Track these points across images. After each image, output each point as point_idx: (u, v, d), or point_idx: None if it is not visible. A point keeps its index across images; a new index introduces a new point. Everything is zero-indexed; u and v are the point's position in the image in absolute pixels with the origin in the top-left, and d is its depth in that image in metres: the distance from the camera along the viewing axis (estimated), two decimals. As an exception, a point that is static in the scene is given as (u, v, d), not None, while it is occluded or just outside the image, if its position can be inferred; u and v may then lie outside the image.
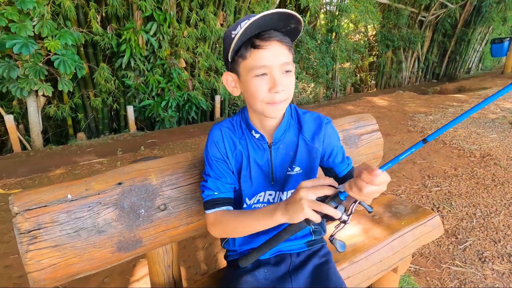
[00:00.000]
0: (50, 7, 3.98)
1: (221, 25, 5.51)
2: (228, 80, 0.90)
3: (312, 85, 7.94)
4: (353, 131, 1.48)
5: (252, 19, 0.74)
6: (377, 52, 9.80)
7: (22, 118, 4.53)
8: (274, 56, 0.80)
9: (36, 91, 4.09)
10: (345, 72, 8.51)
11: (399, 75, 10.13)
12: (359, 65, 10.02)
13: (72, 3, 4.13)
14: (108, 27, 4.60)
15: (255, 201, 0.98)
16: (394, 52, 9.67)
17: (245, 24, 0.76)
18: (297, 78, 7.10)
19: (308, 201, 0.71)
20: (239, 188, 0.96)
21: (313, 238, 1.06)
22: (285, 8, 6.14)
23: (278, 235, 0.83)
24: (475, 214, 2.30)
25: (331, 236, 0.78)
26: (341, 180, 0.97)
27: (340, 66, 8.35)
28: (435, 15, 9.70)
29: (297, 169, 0.96)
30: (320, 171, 1.02)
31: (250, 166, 0.94)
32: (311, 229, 1.07)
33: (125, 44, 4.56)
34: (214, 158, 0.92)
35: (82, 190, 0.83)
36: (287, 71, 0.83)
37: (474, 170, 2.98)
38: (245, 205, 0.97)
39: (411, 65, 10.37)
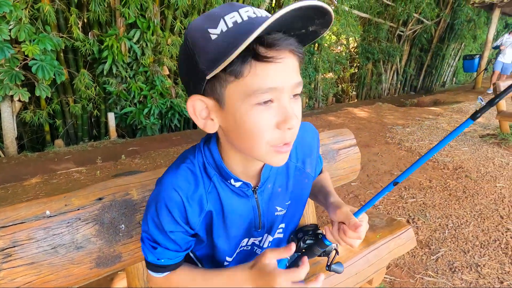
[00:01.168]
0: (28, 11, 3.90)
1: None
2: (197, 109, 0.59)
3: (295, 95, 8.07)
4: (331, 145, 1.53)
5: (272, 19, 0.45)
6: (358, 64, 10.11)
7: (-5, 124, 4.38)
8: (288, 74, 0.54)
9: (12, 96, 3.98)
10: (327, 83, 8.71)
11: (379, 86, 10.45)
12: (340, 76, 10.28)
13: (52, 7, 4.07)
14: (89, 33, 4.54)
15: (239, 252, 0.82)
16: (374, 65, 9.99)
17: (233, 23, 0.50)
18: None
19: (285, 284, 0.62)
20: (213, 247, 0.76)
21: None
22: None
23: None
24: (447, 225, 2.40)
25: (328, 266, 0.78)
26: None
27: (322, 76, 8.54)
28: (412, 30, 10.12)
29: (287, 203, 0.80)
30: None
31: (227, 221, 0.72)
32: None
33: (107, 51, 4.51)
34: (166, 230, 0.67)
35: (62, 205, 0.83)
36: (295, 95, 0.58)
37: (447, 182, 3.11)
38: (226, 263, 0.82)
39: (391, 77, 10.73)
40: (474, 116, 0.50)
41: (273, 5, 7.62)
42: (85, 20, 4.58)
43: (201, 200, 0.67)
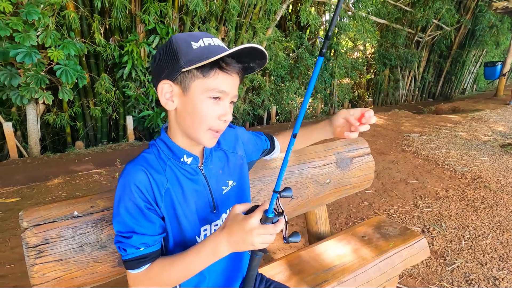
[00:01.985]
0: (55, 18, 4.08)
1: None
2: (164, 90, 0.77)
3: (311, 100, 8.08)
4: (345, 154, 1.54)
5: (236, 48, 0.71)
6: (375, 70, 10.02)
7: (20, 125, 4.57)
8: (233, 86, 0.79)
9: (37, 99, 4.15)
10: (343, 89, 8.67)
11: (396, 93, 10.32)
12: (357, 81, 10.22)
13: (77, 14, 4.24)
14: (111, 39, 4.70)
15: (202, 238, 0.87)
16: (391, 71, 9.88)
17: (209, 44, 0.74)
18: (295, 93, 7.23)
19: (260, 237, 0.69)
20: (181, 231, 0.82)
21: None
22: (286, 24, 6.23)
23: (248, 276, 0.81)
24: (463, 236, 2.36)
25: (285, 239, 0.76)
26: (271, 149, 1.12)
27: (338, 82, 8.51)
28: (431, 36, 9.97)
29: (230, 183, 0.92)
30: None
31: (187, 201, 0.82)
32: None
33: (127, 56, 4.65)
34: (139, 207, 0.75)
35: (88, 207, 0.88)
36: (231, 102, 0.81)
37: (465, 192, 3.05)
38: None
39: (408, 84, 10.58)
40: (321, 52, 0.61)
41: (289, 10, 7.68)
42: (107, 26, 4.75)
43: (161, 180, 0.79)
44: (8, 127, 4.16)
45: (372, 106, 10.01)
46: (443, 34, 9.88)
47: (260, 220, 0.70)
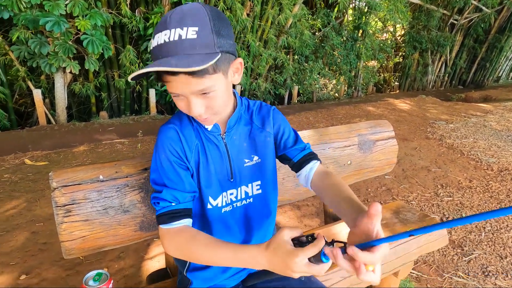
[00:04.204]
0: (83, -13, 4.09)
1: (248, 15, 5.53)
2: None
3: (334, 81, 7.88)
4: (368, 136, 1.51)
5: (136, 73, 0.67)
6: (404, 53, 9.59)
7: (48, 93, 4.72)
8: (184, 87, 0.71)
9: (64, 68, 4.25)
10: (369, 71, 8.39)
11: (424, 78, 9.90)
12: (383, 64, 9.85)
13: (104, -16, 4.24)
14: (136, 10, 4.69)
15: (222, 203, 0.89)
16: (421, 55, 9.44)
17: (156, 43, 0.68)
18: (319, 73, 7.06)
19: (302, 271, 0.62)
20: (200, 190, 0.86)
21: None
22: (314, 1, 5.94)
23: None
24: (484, 228, 2.30)
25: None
26: (297, 165, 0.95)
27: (364, 64, 8.23)
28: (468, 19, 9.37)
29: (256, 158, 0.92)
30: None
31: (208, 162, 0.86)
32: None
33: (152, 28, 4.65)
34: (170, 161, 0.80)
35: (113, 172, 0.91)
36: (205, 93, 0.73)
37: (490, 184, 2.95)
38: (209, 206, 0.88)
39: (438, 69, 10.10)
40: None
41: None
42: (133, -3, 4.73)
43: (191, 137, 0.84)
44: (37, 94, 4.30)
45: (398, 91, 9.68)
46: (481, 16, 9.26)
47: (310, 258, 0.62)
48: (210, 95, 0.74)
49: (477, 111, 5.79)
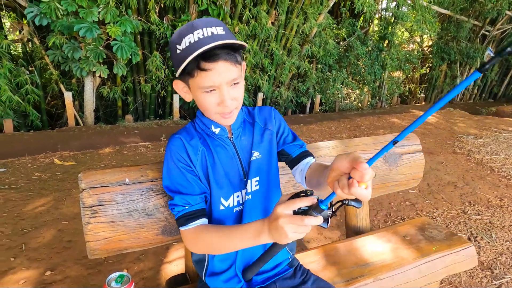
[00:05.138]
0: (116, -4, 4.27)
1: (272, 23, 5.57)
2: (179, 87, 0.89)
3: (357, 91, 7.77)
4: (394, 149, 1.47)
5: (196, 53, 0.73)
6: (431, 64, 9.35)
7: (78, 96, 4.92)
8: (221, 76, 0.79)
9: (94, 72, 4.42)
10: (394, 82, 8.22)
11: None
12: (409, 75, 9.62)
13: (136, -8, 4.40)
14: (164, 18, 4.84)
15: (234, 203, 0.93)
16: (449, 66, 9.16)
17: (189, 42, 0.76)
18: (342, 83, 6.99)
19: (289, 226, 0.66)
20: (210, 193, 0.91)
21: (290, 255, 1.06)
22: (339, 11, 5.96)
23: (274, 245, 0.82)
24: (516, 250, 2.17)
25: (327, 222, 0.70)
26: (295, 160, 0.99)
27: (389, 75, 8.08)
28: (501, 30, 9.03)
29: (256, 154, 0.96)
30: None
31: (216, 164, 0.91)
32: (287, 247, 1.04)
33: (179, 36, 4.76)
34: (178, 168, 0.86)
35: (138, 176, 0.93)
36: (235, 83, 0.83)
37: (522, 203, 2.79)
38: (222, 207, 0.91)
39: (466, 82, 9.75)
40: (481, 68, 0.47)
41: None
42: (162, 6, 4.88)
43: (196, 144, 0.90)
44: (68, 96, 4.49)
45: (424, 103, 9.42)
46: (515, 28, 8.91)
47: (305, 210, 0.67)
48: (238, 86, 0.84)
49: (509, 126, 5.53)
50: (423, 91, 9.77)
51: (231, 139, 0.94)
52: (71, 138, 3.92)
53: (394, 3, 7.11)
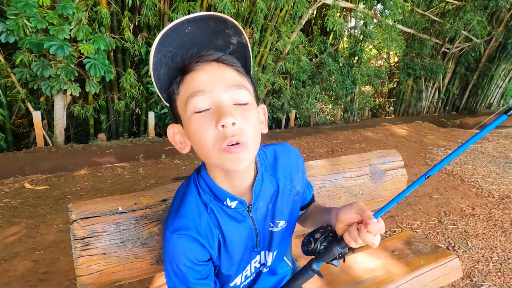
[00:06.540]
0: (88, 13, 4.18)
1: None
2: (175, 135, 0.68)
3: (330, 106, 8.00)
4: (379, 166, 1.51)
5: (162, 32, 0.58)
6: (398, 79, 9.84)
7: (47, 115, 4.71)
8: (216, 78, 0.60)
9: (65, 90, 4.26)
10: (365, 96, 8.55)
11: (418, 104, 10.10)
12: (378, 90, 10.05)
13: (108, 10, 4.34)
14: (139, 35, 4.79)
15: (243, 280, 0.83)
16: (415, 81, 9.68)
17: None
18: (315, 98, 7.18)
19: None
20: (219, 270, 0.77)
21: (290, 267, 1.02)
22: (310, 28, 6.17)
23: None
24: (491, 257, 2.27)
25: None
26: (305, 206, 0.92)
27: (359, 89, 8.40)
28: (459, 48, 9.71)
29: (281, 224, 0.80)
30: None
31: (228, 244, 0.73)
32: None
33: (154, 53, 4.71)
34: (189, 267, 0.68)
35: (132, 204, 0.89)
36: (240, 104, 0.62)
37: (492, 211, 2.95)
38: (231, 284, 0.82)
39: (431, 95, 10.34)
40: (508, 112, 0.51)
41: (314, 15, 7.64)
42: (136, 23, 4.83)
43: (210, 229, 0.70)
44: (37, 116, 4.28)
45: (393, 116, 9.84)
46: (472, 46, 9.60)
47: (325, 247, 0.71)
48: (246, 108, 0.62)
49: (472, 137, 5.88)
50: (392, 104, 10.23)
51: (249, 211, 0.73)
52: (41, 159, 3.71)
53: (362, 21, 7.47)
